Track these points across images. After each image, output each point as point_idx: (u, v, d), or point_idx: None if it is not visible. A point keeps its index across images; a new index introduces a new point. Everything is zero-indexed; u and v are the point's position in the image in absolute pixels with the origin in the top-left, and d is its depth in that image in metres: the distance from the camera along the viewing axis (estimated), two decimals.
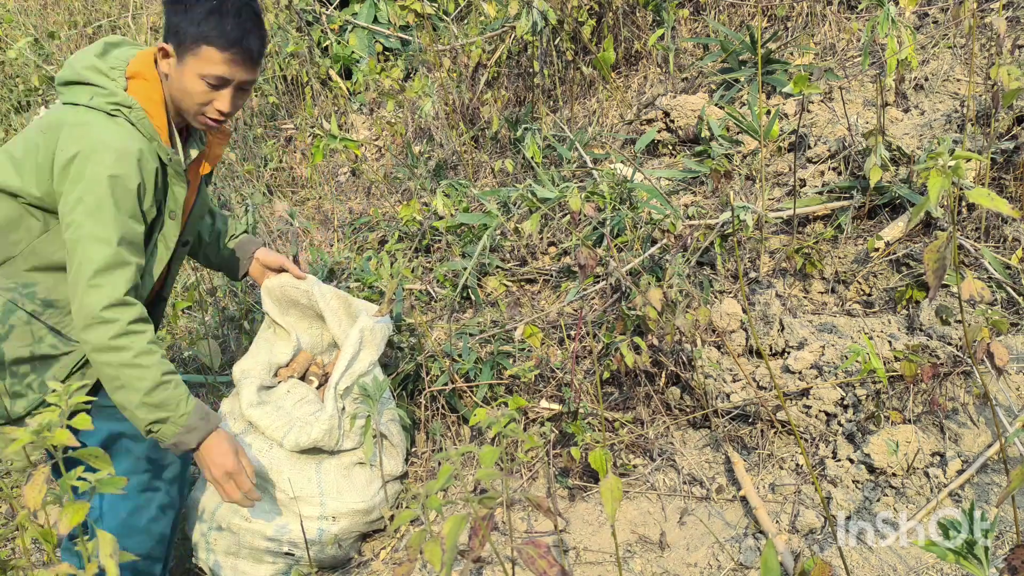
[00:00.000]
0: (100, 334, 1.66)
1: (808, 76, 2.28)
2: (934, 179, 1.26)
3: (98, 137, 1.70)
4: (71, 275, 1.69)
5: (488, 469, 1.27)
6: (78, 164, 1.68)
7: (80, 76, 1.76)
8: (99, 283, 1.66)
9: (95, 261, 1.66)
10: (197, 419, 1.77)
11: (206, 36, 1.73)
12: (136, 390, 1.68)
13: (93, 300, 1.65)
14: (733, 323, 2.35)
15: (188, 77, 1.76)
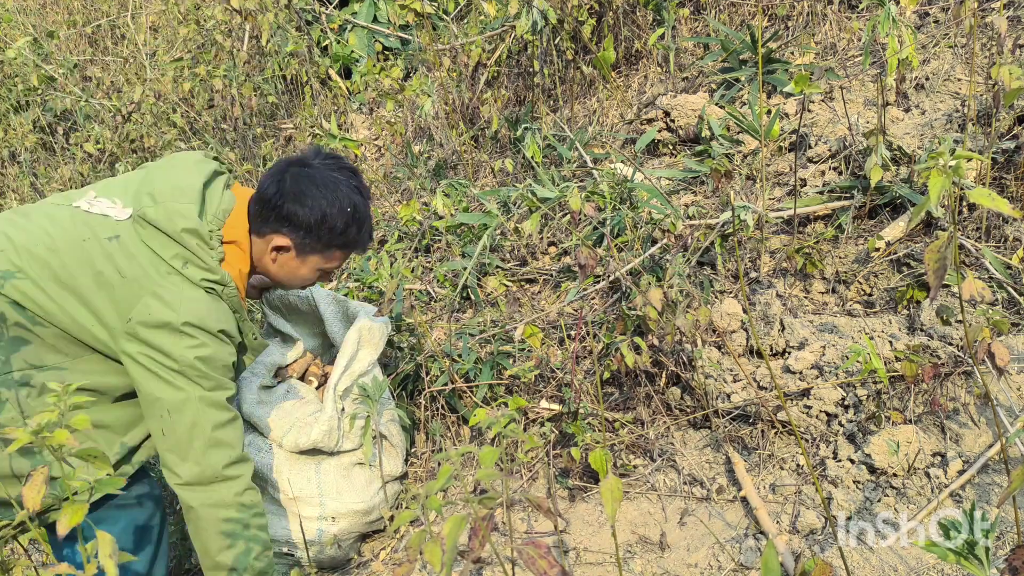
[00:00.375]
0: (227, 491, 1.67)
1: (809, 75, 2.28)
2: (935, 179, 1.26)
3: (193, 313, 1.64)
4: (178, 435, 1.64)
5: (488, 469, 1.26)
6: (169, 334, 1.62)
7: (178, 237, 1.66)
8: (220, 440, 1.67)
9: (211, 420, 1.65)
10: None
11: (345, 244, 1.80)
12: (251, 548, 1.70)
13: (215, 459, 1.66)
14: (734, 323, 2.34)
15: (307, 268, 1.81)
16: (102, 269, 1.64)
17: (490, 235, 2.89)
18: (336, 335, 2.30)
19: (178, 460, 1.66)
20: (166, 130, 4.01)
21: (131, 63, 4.59)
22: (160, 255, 1.66)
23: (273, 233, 1.77)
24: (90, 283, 1.63)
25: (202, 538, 1.70)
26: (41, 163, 4.36)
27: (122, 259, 1.64)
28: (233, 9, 4.10)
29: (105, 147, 4.01)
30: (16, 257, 1.62)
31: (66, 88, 4.42)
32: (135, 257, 1.65)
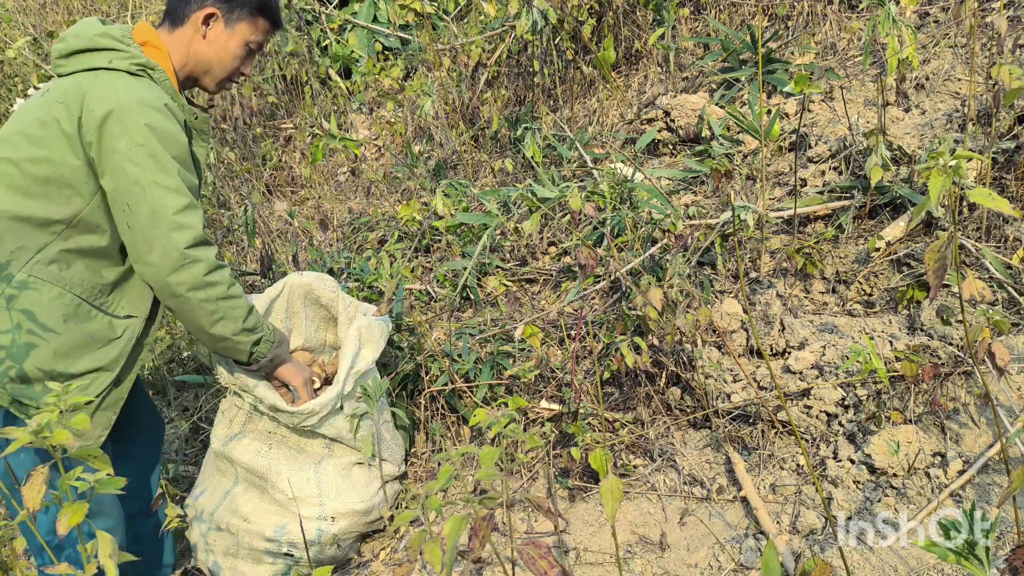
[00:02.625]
0: (194, 273, 1.71)
1: (809, 75, 2.28)
2: (935, 179, 1.26)
3: (130, 93, 1.70)
4: (140, 225, 1.68)
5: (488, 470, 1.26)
6: (117, 120, 1.67)
7: (94, 43, 1.75)
8: (182, 223, 1.69)
9: (171, 205, 1.68)
10: (279, 334, 1.93)
11: (265, 9, 1.89)
12: (235, 319, 1.79)
13: (178, 241, 1.68)
14: (734, 323, 2.34)
15: (235, 42, 1.87)
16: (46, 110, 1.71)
17: (490, 235, 2.89)
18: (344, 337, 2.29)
19: (146, 250, 1.70)
20: None
21: None
22: (86, 67, 1.74)
23: (198, 9, 1.84)
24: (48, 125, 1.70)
25: (189, 320, 1.78)
26: None
27: (56, 92, 1.73)
28: None
29: None
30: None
31: None
32: (64, 82, 1.75)
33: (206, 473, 2.23)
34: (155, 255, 1.69)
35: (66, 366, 1.71)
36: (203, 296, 1.73)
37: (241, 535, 2.07)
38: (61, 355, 1.71)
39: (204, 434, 2.73)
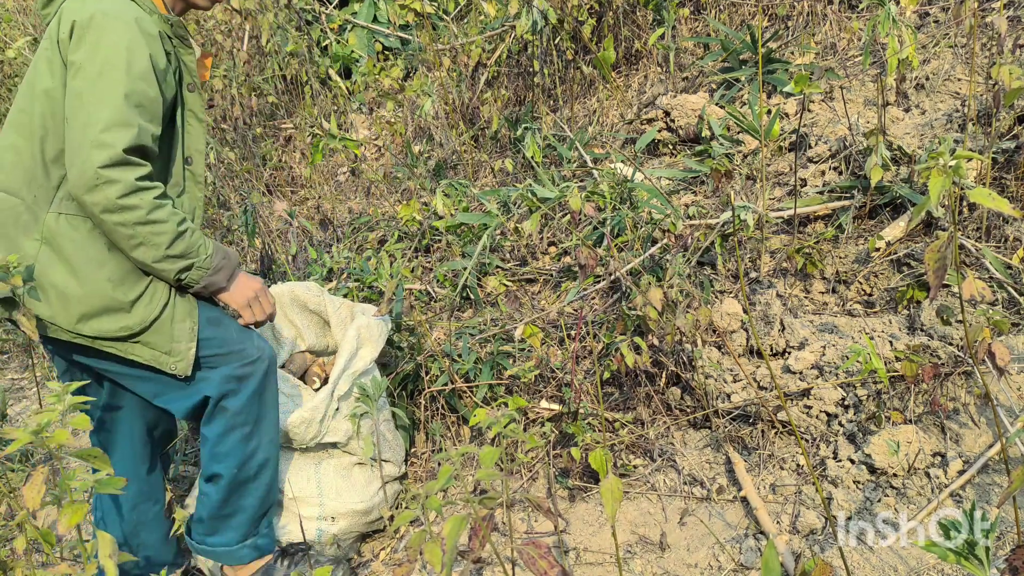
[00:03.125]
0: (106, 194, 1.61)
1: (809, 75, 2.28)
2: (935, 179, 1.26)
3: (94, 6, 1.66)
4: (70, 138, 1.63)
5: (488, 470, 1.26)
6: (78, 32, 1.65)
7: None
8: (103, 141, 1.60)
9: (101, 120, 1.61)
10: (220, 259, 1.80)
11: None
12: (155, 246, 1.68)
13: (94, 159, 1.60)
14: (734, 323, 2.34)
15: None
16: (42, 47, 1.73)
17: (490, 235, 2.89)
18: (341, 337, 2.30)
19: (68, 164, 1.65)
20: None
21: None
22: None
23: None
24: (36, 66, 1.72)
25: (112, 239, 1.71)
26: None
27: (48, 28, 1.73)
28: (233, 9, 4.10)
29: None
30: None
31: None
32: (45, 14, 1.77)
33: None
34: (73, 171, 1.63)
35: (124, 292, 1.72)
36: (117, 219, 1.64)
37: None
38: (116, 283, 1.71)
39: None
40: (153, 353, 1.77)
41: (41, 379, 3.33)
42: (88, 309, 1.71)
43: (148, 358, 1.77)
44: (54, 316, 1.72)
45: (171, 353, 1.78)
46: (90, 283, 1.71)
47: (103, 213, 1.63)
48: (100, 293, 1.71)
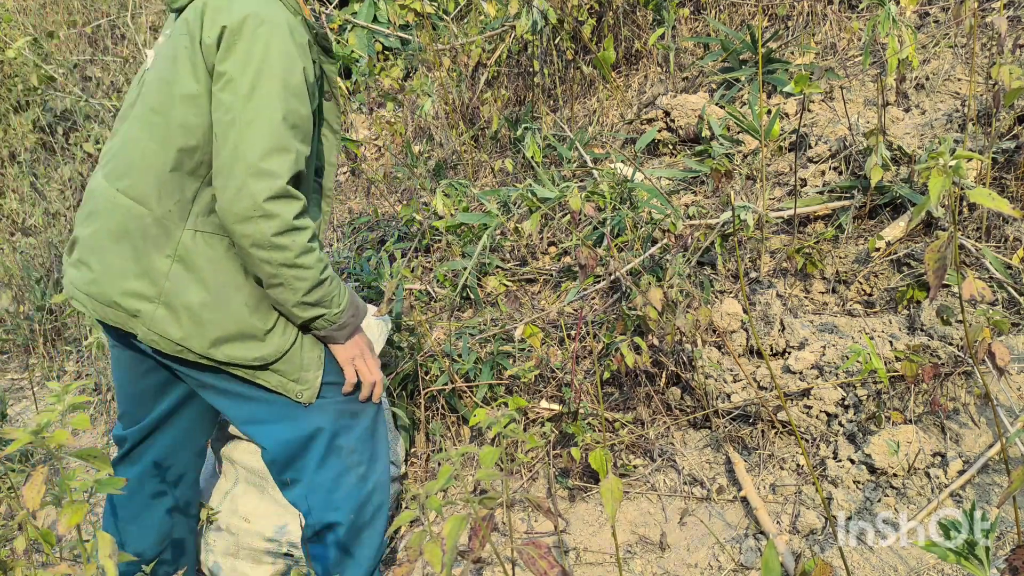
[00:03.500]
0: (261, 229, 1.49)
1: (809, 75, 2.28)
2: (935, 179, 1.26)
3: (247, 9, 1.51)
4: (222, 159, 1.50)
5: (488, 470, 1.26)
6: (228, 38, 1.50)
7: None
8: (264, 170, 1.48)
9: (257, 146, 1.48)
10: (349, 316, 1.69)
11: None
12: (294, 290, 1.58)
13: (256, 190, 1.47)
14: (734, 323, 2.34)
15: None
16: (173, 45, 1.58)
17: (490, 235, 2.89)
18: None
19: (220, 187, 1.51)
20: None
21: (131, 63, 4.58)
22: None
23: None
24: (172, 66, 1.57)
25: (252, 271, 1.59)
26: (41, 163, 4.36)
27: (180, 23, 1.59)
28: None
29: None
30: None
31: (66, 88, 4.42)
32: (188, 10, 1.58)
33: (206, 473, 2.23)
34: (227, 196, 1.49)
35: (261, 320, 1.62)
36: (264, 256, 1.51)
37: (241, 535, 2.07)
38: (252, 308, 1.61)
39: None
40: (281, 380, 1.67)
41: (41, 379, 3.33)
42: (223, 334, 1.61)
43: (275, 384, 1.67)
44: (186, 339, 1.60)
45: (299, 381, 1.68)
46: (226, 307, 1.60)
47: (252, 247, 1.52)
48: (236, 318, 1.61)
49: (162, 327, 1.60)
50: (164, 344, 1.62)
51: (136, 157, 1.59)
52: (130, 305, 1.61)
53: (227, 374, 1.67)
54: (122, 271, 1.60)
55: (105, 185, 1.64)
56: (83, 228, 1.67)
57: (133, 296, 1.60)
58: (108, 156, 1.69)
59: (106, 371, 3.00)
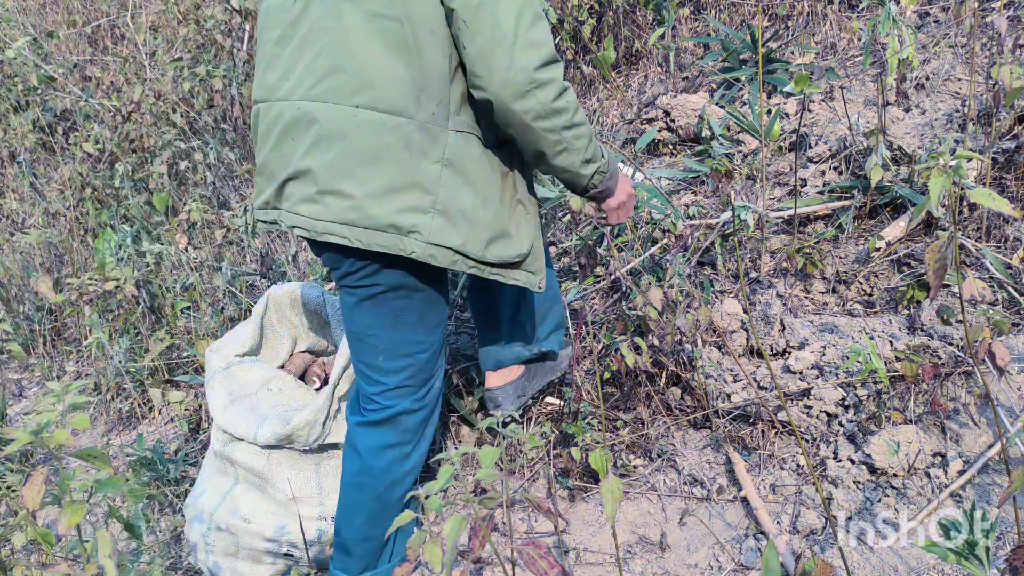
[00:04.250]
0: (540, 99, 1.48)
1: (810, 75, 2.28)
2: (935, 179, 1.26)
3: None
4: (479, 44, 1.46)
5: (488, 470, 1.26)
6: None
7: None
8: (530, 40, 1.45)
9: (515, 20, 1.44)
10: (612, 163, 1.72)
11: None
12: (576, 150, 1.58)
13: (526, 62, 1.45)
14: (734, 323, 2.34)
15: None
16: None
17: None
18: (339, 339, 2.30)
19: (484, 72, 1.47)
20: (166, 130, 4.01)
21: (131, 63, 4.59)
22: None
23: None
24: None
25: (530, 148, 1.58)
26: (41, 163, 4.36)
27: None
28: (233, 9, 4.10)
29: (105, 147, 4.01)
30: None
31: (66, 88, 4.42)
32: None
33: (206, 473, 2.23)
34: (497, 78, 1.46)
35: (513, 216, 1.64)
36: (547, 125, 1.50)
37: (241, 535, 2.07)
38: (507, 205, 1.63)
39: (204, 434, 2.73)
40: (527, 275, 1.70)
41: (40, 379, 3.33)
42: (493, 234, 1.59)
43: (523, 281, 1.69)
44: (466, 244, 1.56)
45: (536, 272, 1.71)
46: (492, 205, 1.59)
47: (535, 120, 1.50)
48: (499, 216, 1.60)
49: (443, 237, 1.55)
50: (442, 256, 1.56)
51: (375, 68, 1.51)
52: (407, 221, 1.53)
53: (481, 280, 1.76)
54: (391, 187, 1.52)
55: (331, 107, 1.53)
56: (312, 158, 1.55)
57: (409, 211, 1.53)
58: (309, 76, 1.55)
59: (105, 371, 3.00)
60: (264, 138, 1.64)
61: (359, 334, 1.75)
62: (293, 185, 1.59)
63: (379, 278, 1.64)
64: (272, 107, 1.61)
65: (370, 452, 1.80)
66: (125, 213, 3.73)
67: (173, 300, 3.05)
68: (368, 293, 1.67)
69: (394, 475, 1.80)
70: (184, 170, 3.87)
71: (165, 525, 2.39)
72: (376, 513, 1.81)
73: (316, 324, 2.39)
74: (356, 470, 1.82)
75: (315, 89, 1.54)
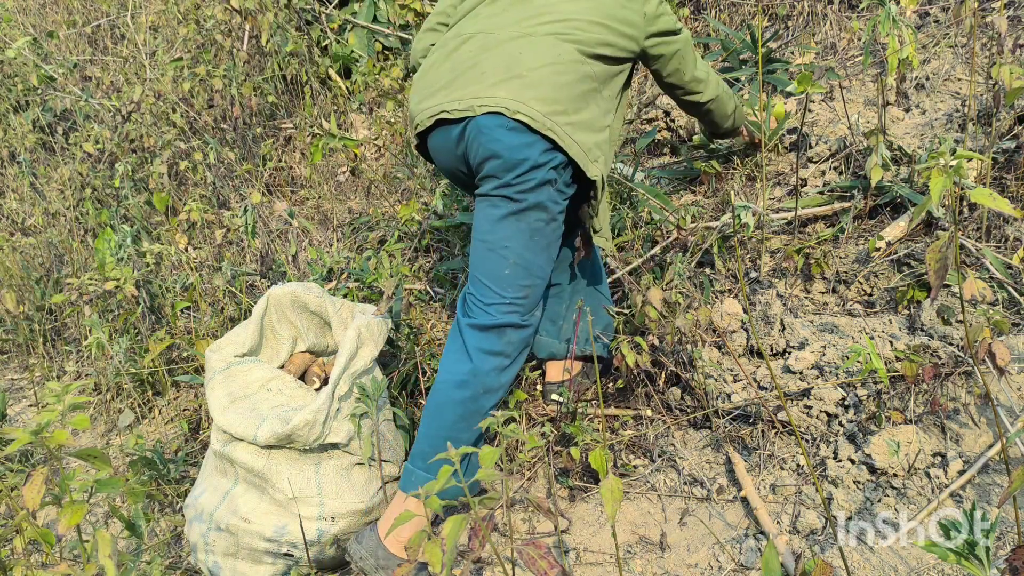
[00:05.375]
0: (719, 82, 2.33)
1: (811, 75, 2.28)
2: (935, 179, 1.26)
3: None
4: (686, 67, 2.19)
5: (488, 470, 1.26)
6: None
7: None
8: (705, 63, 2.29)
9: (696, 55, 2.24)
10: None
11: None
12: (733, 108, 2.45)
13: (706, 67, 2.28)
14: (734, 323, 2.34)
15: None
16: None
17: None
18: (339, 340, 2.30)
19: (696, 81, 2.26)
20: (166, 130, 4.01)
21: (131, 63, 4.59)
22: None
23: None
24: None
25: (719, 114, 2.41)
26: (41, 163, 4.36)
27: None
28: (233, 9, 4.10)
29: (105, 147, 4.01)
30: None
31: (66, 88, 4.42)
32: None
33: (206, 473, 2.23)
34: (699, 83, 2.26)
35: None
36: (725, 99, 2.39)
37: (241, 535, 2.07)
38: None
39: (204, 434, 2.73)
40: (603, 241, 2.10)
41: (40, 379, 3.33)
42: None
43: (600, 244, 2.10)
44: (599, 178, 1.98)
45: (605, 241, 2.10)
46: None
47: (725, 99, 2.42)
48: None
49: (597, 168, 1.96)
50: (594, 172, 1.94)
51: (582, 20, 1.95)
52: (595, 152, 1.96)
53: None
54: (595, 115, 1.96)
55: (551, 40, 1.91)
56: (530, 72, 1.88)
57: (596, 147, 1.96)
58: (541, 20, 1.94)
59: (105, 371, 3.00)
60: (478, 52, 1.94)
61: (494, 244, 1.95)
62: (511, 84, 1.87)
63: (531, 195, 1.89)
64: (496, 36, 1.95)
65: (479, 353, 1.94)
66: (125, 213, 3.72)
67: (173, 300, 3.05)
68: (517, 208, 1.90)
69: (492, 382, 1.95)
70: (184, 170, 3.86)
71: (165, 525, 2.39)
72: (467, 416, 1.93)
73: (316, 324, 2.39)
74: (465, 370, 1.95)
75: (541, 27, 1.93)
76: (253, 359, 2.25)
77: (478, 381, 1.93)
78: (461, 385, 1.94)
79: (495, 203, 1.93)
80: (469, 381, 1.93)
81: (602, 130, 1.95)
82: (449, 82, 1.94)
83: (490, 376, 1.95)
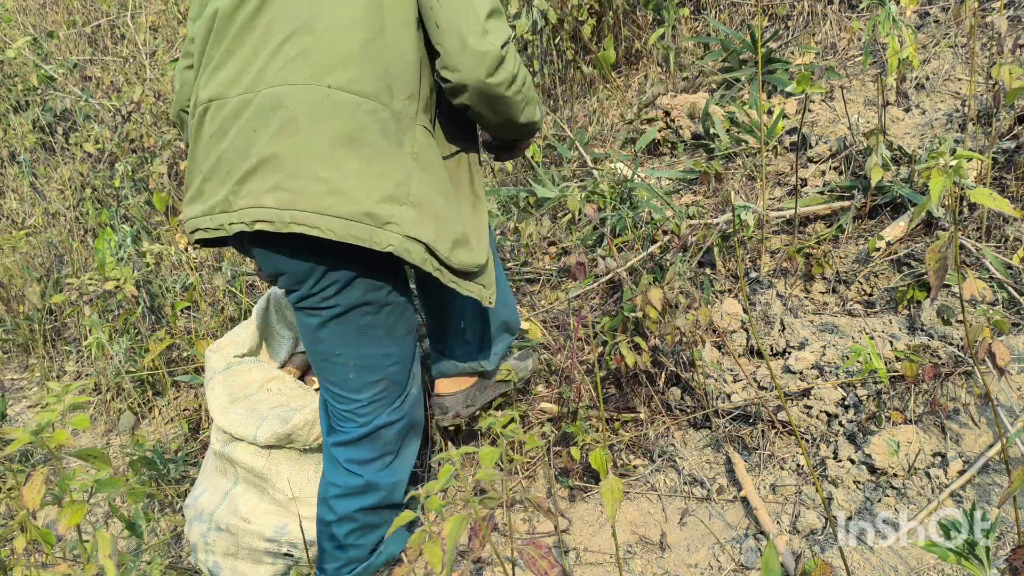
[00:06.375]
0: (509, 68, 1.55)
1: (811, 75, 2.28)
2: (935, 179, 1.26)
3: None
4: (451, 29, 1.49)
5: (488, 470, 1.26)
6: None
7: None
8: (491, 27, 1.52)
9: (484, 7, 1.51)
10: None
11: None
12: (531, 100, 1.67)
13: (494, 40, 1.51)
14: (734, 323, 2.34)
15: None
16: None
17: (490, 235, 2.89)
18: None
19: (459, 47, 1.50)
20: (166, 130, 4.01)
21: (131, 63, 4.59)
22: None
23: None
24: None
25: (499, 116, 1.63)
26: (41, 163, 4.36)
27: None
28: None
29: (105, 147, 4.01)
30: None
31: (66, 88, 4.42)
32: None
33: (206, 473, 2.23)
34: (469, 61, 1.50)
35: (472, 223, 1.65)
36: (516, 88, 1.58)
37: (241, 535, 2.07)
38: (467, 210, 1.65)
39: (204, 434, 2.73)
40: (480, 288, 1.69)
41: (40, 379, 3.33)
42: (457, 237, 1.57)
43: (477, 294, 1.68)
44: (436, 241, 1.53)
45: (488, 287, 1.70)
46: (453, 207, 1.58)
47: (507, 88, 1.56)
48: (461, 219, 1.59)
49: (418, 230, 1.51)
50: (415, 252, 1.52)
51: (348, 52, 1.49)
52: (384, 211, 1.48)
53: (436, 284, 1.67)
54: (367, 172, 1.48)
55: (302, 88, 1.48)
56: (279, 143, 1.48)
57: (386, 200, 1.48)
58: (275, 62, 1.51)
59: (105, 371, 3.00)
60: (217, 136, 1.55)
61: (325, 355, 1.72)
62: (255, 177, 1.49)
63: (341, 297, 1.61)
64: (228, 103, 1.54)
65: (356, 466, 1.80)
66: (125, 213, 3.72)
67: (173, 300, 3.05)
68: (331, 314, 1.63)
69: (381, 486, 1.80)
70: (184, 170, 3.86)
71: (165, 525, 2.39)
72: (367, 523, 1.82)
73: None
74: (342, 485, 1.81)
75: (283, 72, 1.49)
76: (253, 359, 2.25)
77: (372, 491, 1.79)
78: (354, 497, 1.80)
79: (307, 313, 1.67)
80: (364, 492, 1.79)
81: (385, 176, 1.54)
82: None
83: (381, 477, 1.79)
